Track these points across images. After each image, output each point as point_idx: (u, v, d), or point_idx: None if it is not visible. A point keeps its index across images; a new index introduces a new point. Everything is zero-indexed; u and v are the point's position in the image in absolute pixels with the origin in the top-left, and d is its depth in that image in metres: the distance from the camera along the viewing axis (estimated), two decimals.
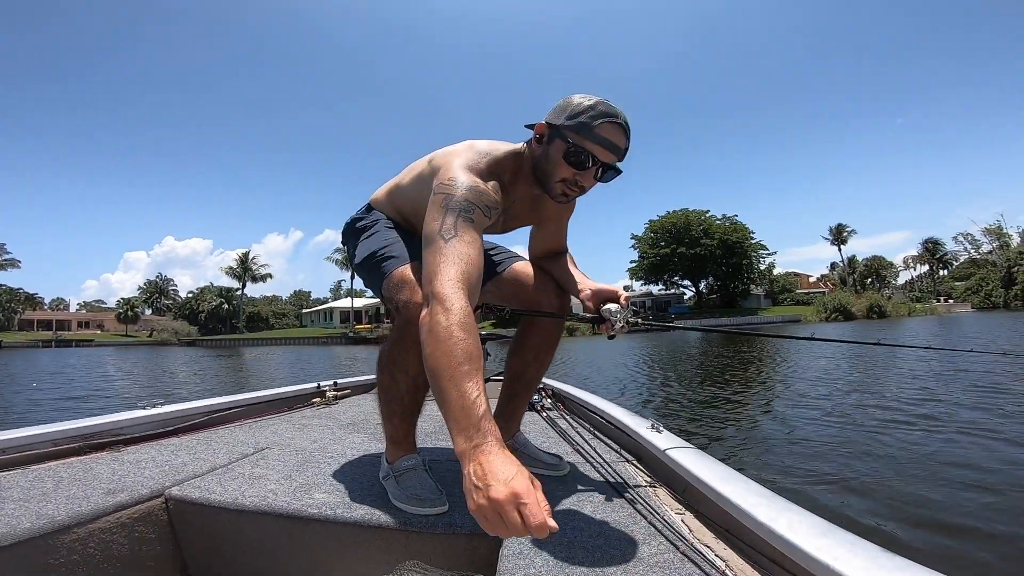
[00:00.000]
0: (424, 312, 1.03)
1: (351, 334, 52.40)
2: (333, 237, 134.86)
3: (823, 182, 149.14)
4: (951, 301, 62.94)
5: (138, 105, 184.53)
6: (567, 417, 2.30)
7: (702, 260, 59.16)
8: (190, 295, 77.15)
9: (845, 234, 73.98)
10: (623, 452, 1.77)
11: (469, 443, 0.84)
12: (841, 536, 0.89)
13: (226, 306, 69.55)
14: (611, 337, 1.45)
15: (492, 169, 1.27)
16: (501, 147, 1.32)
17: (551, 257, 1.62)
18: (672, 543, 1.07)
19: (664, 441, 1.54)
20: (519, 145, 1.36)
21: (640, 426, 1.72)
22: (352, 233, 1.56)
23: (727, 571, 0.97)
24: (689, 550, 1.03)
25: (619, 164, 1.29)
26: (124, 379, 13.55)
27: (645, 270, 63.09)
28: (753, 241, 61.56)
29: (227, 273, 69.54)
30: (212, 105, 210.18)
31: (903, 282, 79.06)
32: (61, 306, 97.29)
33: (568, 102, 1.25)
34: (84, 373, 15.60)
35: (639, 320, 1.48)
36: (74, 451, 1.67)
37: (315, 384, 2.94)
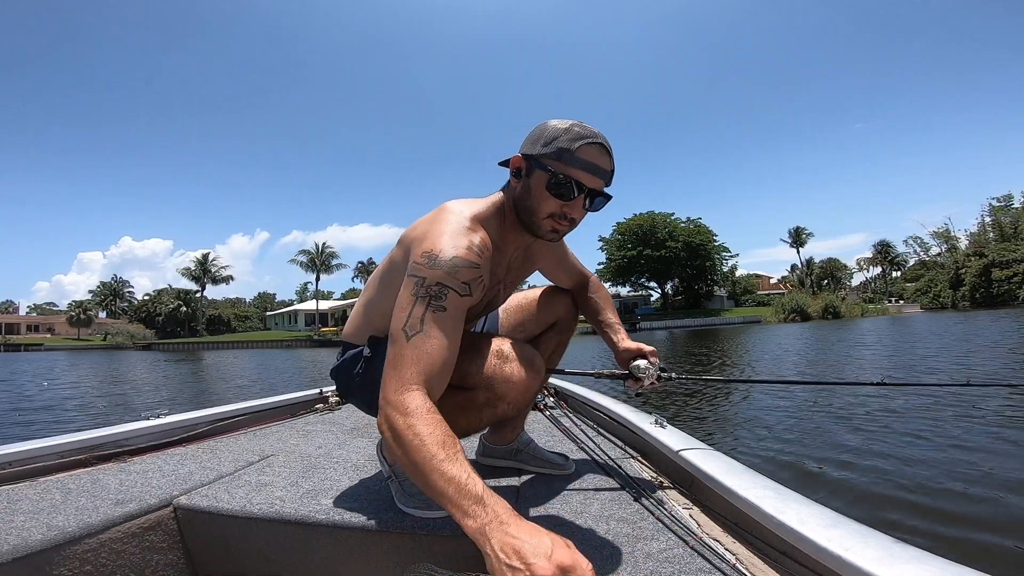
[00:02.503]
0: (379, 419, 0.99)
1: (316, 337, 51.78)
2: (301, 238, 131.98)
3: (786, 185, 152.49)
4: (901, 302, 65.03)
5: (94, 98, 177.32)
6: (571, 415, 2.31)
7: (667, 262, 60.41)
8: (147, 297, 74.81)
9: (803, 237, 76.10)
10: (628, 449, 1.78)
11: (479, 521, 0.78)
12: (852, 527, 0.89)
13: (184, 308, 67.47)
14: (638, 394, 1.44)
15: (476, 227, 1.17)
16: (479, 203, 1.24)
17: (579, 291, 1.61)
18: (681, 538, 1.08)
19: (669, 437, 1.56)
20: (496, 196, 1.26)
21: (644, 422, 1.74)
22: (353, 388, 1.38)
23: (737, 565, 0.97)
24: (699, 545, 1.04)
25: (607, 189, 1.19)
26: (70, 388, 12.70)
27: (612, 272, 64.07)
28: (716, 243, 63.16)
29: (184, 274, 67.66)
30: (174, 99, 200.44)
31: (858, 283, 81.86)
32: (10, 309, 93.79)
33: (543, 129, 1.16)
34: (32, 379, 14.93)
35: (671, 375, 1.47)
36: (80, 463, 1.67)
37: (317, 390, 2.95)
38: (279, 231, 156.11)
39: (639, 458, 1.67)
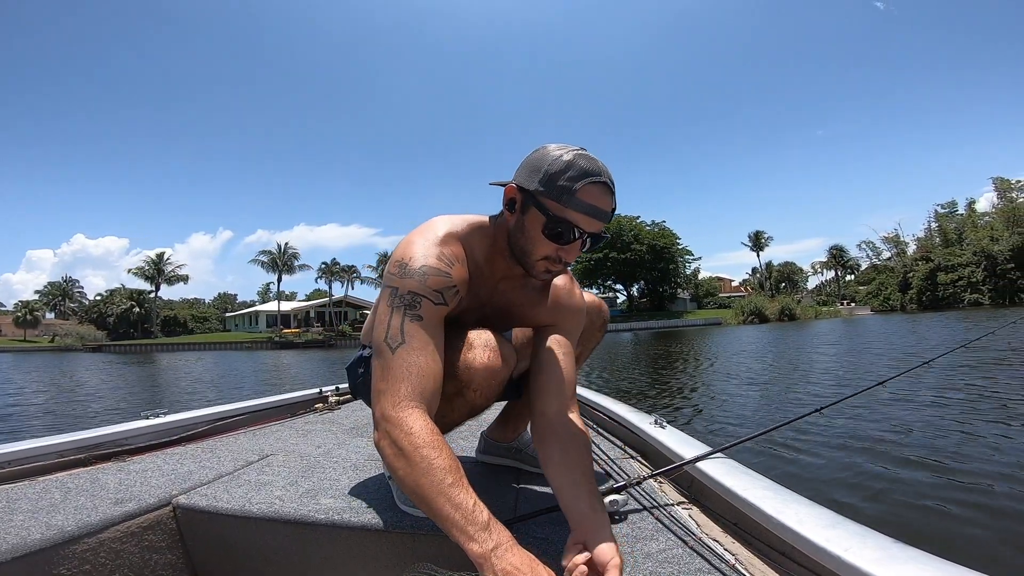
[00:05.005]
0: (377, 435, 0.99)
1: (277, 339, 50.87)
2: (266, 238, 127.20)
3: (749, 189, 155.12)
4: (853, 304, 67.18)
5: (46, 88, 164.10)
6: None
7: (633, 265, 61.33)
8: (98, 298, 71.60)
9: (763, 240, 77.65)
10: (627, 448, 1.79)
11: (484, 547, 0.84)
12: (851, 527, 0.89)
13: (137, 309, 64.89)
14: None
15: (451, 240, 1.13)
16: (464, 219, 1.19)
17: (557, 417, 1.20)
18: (680, 538, 1.09)
19: (668, 436, 1.57)
20: (484, 217, 1.22)
21: (644, 422, 1.75)
22: (359, 387, 1.39)
23: (736, 565, 0.97)
24: (698, 545, 1.05)
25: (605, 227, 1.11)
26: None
27: (579, 274, 64.81)
28: (680, 247, 64.43)
29: (137, 274, 64.31)
30: (134, 90, 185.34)
31: (813, 286, 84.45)
32: None
33: (540, 159, 1.07)
34: None
35: None
36: (80, 462, 1.68)
37: (317, 389, 2.96)
38: (243, 230, 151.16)
39: (639, 458, 1.69)
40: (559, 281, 1.31)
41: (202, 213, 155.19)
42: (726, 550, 1.04)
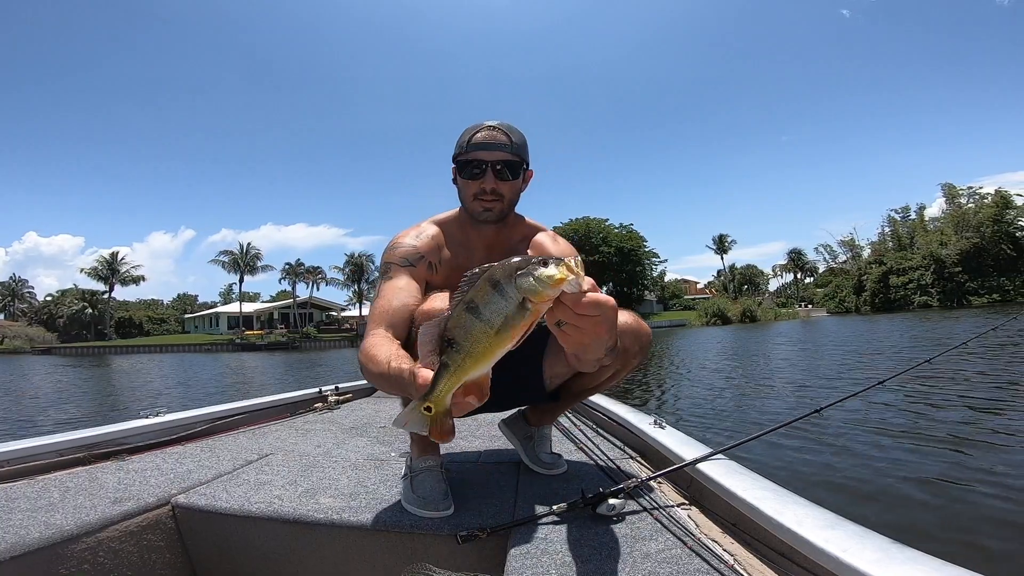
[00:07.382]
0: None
1: (238, 340, 49.59)
2: (231, 237, 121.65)
3: (715, 193, 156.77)
4: (810, 306, 68.54)
5: None
6: (570, 414, 2.31)
7: (601, 267, 61.72)
8: (49, 298, 68.91)
9: (727, 244, 78.73)
10: (626, 448, 1.79)
11: (400, 369, 1.02)
12: (850, 528, 0.90)
13: (90, 310, 62.50)
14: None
15: (428, 225, 1.46)
16: (452, 211, 1.51)
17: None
18: (679, 538, 1.09)
19: (667, 437, 1.56)
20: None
21: (643, 422, 1.75)
22: None
23: (735, 565, 0.97)
24: (696, 545, 1.05)
25: (519, 160, 1.38)
26: None
27: None
28: (646, 249, 65.25)
29: (90, 275, 61.29)
30: (89, 82, 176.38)
31: (774, 289, 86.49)
32: None
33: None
34: None
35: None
36: (79, 461, 1.68)
37: (316, 389, 2.97)
38: (207, 229, 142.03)
39: (638, 458, 1.69)
40: (541, 237, 1.48)
41: (163, 211, 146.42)
42: (725, 551, 1.05)
